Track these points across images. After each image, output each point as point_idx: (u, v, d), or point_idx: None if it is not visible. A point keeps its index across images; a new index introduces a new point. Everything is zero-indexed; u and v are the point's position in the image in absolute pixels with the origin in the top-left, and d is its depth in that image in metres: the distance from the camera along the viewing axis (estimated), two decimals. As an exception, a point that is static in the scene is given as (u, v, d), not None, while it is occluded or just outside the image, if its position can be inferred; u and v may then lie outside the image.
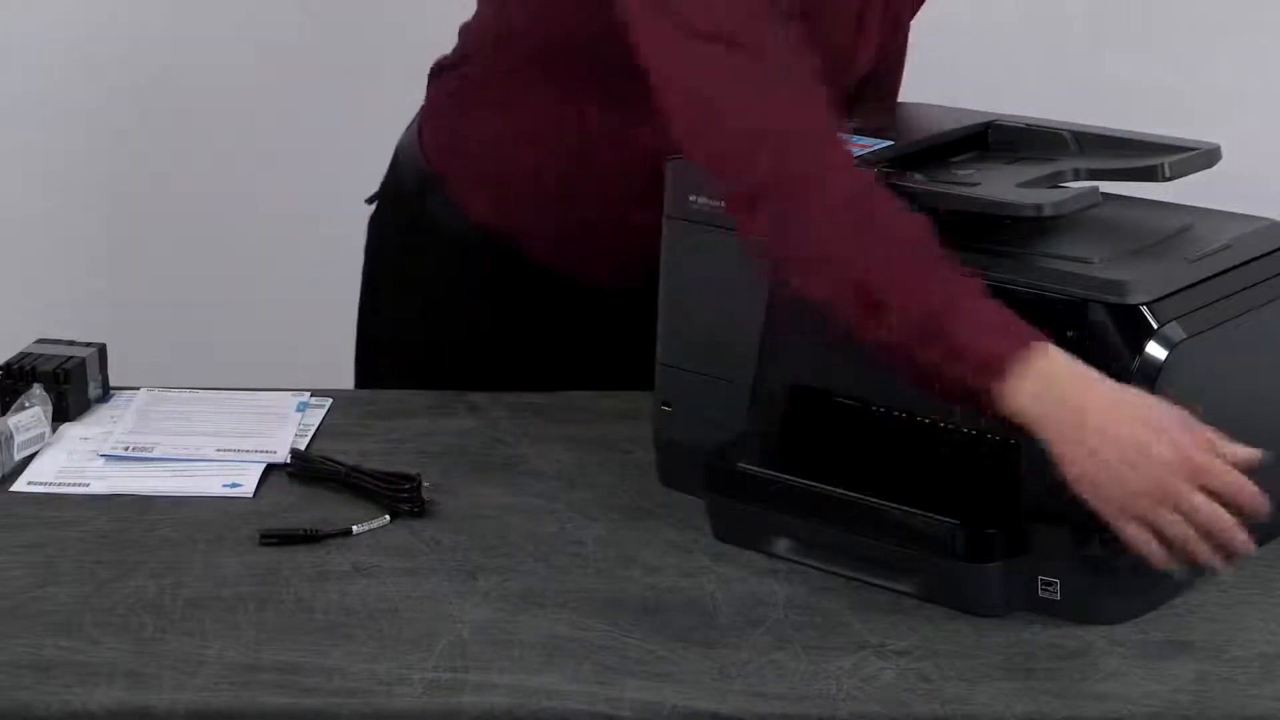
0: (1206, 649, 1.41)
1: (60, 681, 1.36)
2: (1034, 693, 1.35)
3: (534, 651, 1.40)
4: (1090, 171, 1.58)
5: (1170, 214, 1.58)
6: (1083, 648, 1.41)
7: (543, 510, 1.63)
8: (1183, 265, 1.47)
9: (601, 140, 1.75)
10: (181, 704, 1.34)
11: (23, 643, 1.41)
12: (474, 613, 1.46)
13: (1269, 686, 1.36)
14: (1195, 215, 1.58)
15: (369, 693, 1.35)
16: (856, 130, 1.59)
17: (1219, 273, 1.48)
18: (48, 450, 1.74)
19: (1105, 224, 1.54)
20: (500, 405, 1.84)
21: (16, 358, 1.82)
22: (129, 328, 2.19)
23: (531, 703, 1.34)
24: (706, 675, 1.37)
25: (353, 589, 1.50)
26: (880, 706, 1.34)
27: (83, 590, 1.49)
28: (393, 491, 1.62)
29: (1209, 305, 1.45)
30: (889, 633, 1.43)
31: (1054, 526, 1.43)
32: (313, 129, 3.01)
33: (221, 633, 1.43)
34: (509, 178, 1.82)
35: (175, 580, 1.51)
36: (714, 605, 1.47)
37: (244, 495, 1.66)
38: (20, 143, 2.97)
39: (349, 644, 1.42)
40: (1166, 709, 1.33)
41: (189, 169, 3.01)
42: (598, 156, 1.76)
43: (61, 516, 1.62)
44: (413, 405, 1.84)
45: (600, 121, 1.75)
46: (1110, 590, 1.44)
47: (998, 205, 1.49)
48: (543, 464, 1.72)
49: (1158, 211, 1.60)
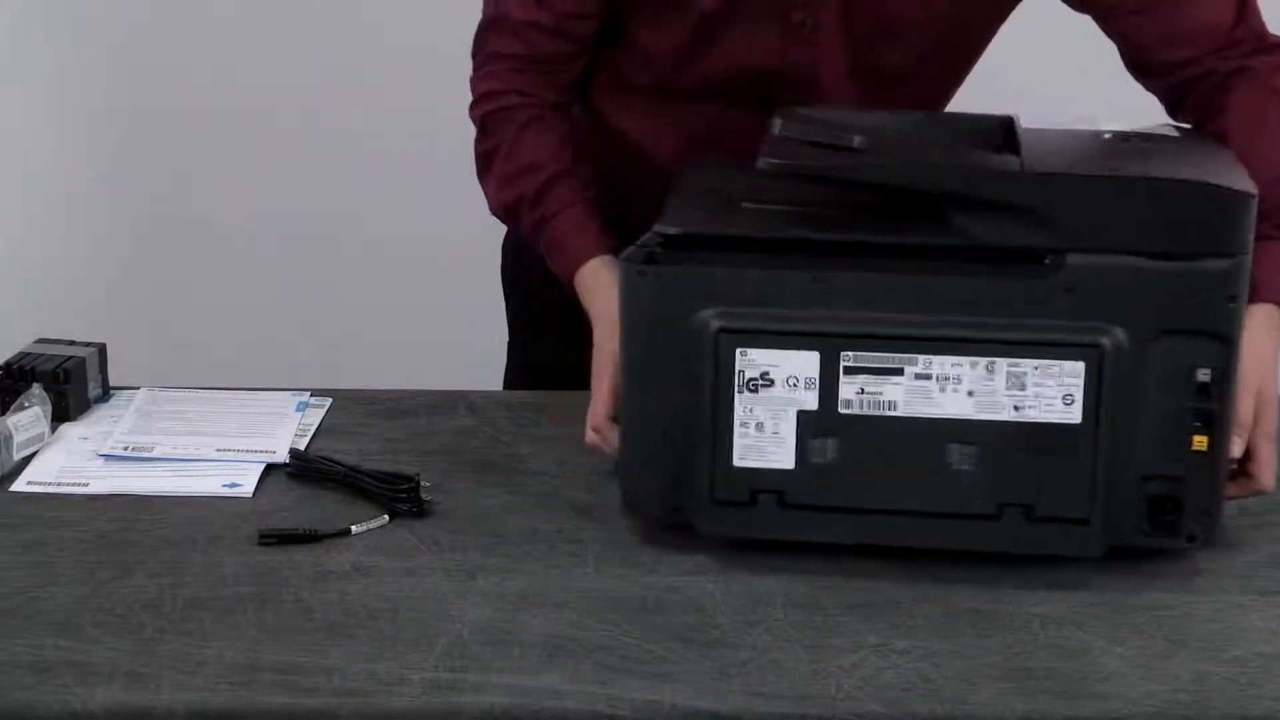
0: (1206, 649, 1.41)
1: (60, 681, 1.36)
2: (1034, 693, 1.35)
3: (534, 651, 1.40)
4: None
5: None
6: (1083, 648, 1.41)
7: (542, 510, 1.63)
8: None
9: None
10: (181, 704, 1.34)
11: (23, 643, 1.41)
12: (473, 613, 1.46)
13: (1269, 686, 1.36)
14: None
15: (369, 693, 1.35)
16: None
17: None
18: (47, 450, 1.74)
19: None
20: (500, 405, 1.84)
21: (16, 358, 1.82)
22: (129, 328, 2.19)
23: (531, 703, 1.34)
24: (706, 675, 1.37)
25: (352, 589, 1.50)
26: (880, 706, 1.34)
27: (82, 590, 1.49)
28: (391, 492, 1.62)
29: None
30: (889, 633, 1.43)
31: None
32: (313, 129, 3.02)
33: (221, 633, 1.43)
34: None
35: (175, 580, 1.51)
36: (714, 605, 1.47)
37: (243, 495, 1.66)
38: (20, 143, 2.97)
39: (349, 644, 1.42)
40: (1166, 709, 1.34)
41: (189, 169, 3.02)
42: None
43: (61, 516, 1.62)
44: (412, 405, 1.85)
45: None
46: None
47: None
48: (542, 464, 1.72)
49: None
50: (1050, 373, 1.45)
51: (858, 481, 1.49)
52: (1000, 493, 1.48)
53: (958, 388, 1.46)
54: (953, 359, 1.45)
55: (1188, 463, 1.47)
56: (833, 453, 1.49)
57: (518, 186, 1.80)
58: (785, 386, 1.47)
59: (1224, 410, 1.46)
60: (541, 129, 1.83)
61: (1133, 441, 1.47)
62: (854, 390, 1.47)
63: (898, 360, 1.46)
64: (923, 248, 1.46)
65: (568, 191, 1.78)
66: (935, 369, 1.46)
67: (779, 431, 1.49)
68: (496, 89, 1.84)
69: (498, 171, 1.82)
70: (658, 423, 1.52)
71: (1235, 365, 1.46)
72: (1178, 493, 1.48)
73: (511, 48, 1.84)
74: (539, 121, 1.83)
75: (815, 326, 1.47)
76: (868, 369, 1.46)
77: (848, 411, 1.47)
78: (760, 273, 1.47)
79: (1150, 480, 1.48)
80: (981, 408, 1.46)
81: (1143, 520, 1.49)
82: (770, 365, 1.47)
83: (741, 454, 1.50)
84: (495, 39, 1.85)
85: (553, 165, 1.80)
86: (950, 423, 1.47)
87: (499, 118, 1.83)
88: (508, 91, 1.83)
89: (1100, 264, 1.44)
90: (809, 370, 1.47)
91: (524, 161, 1.81)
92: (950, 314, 1.45)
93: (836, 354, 1.46)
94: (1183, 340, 1.45)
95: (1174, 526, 1.49)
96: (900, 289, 1.46)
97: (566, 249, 1.76)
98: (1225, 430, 1.47)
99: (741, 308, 1.47)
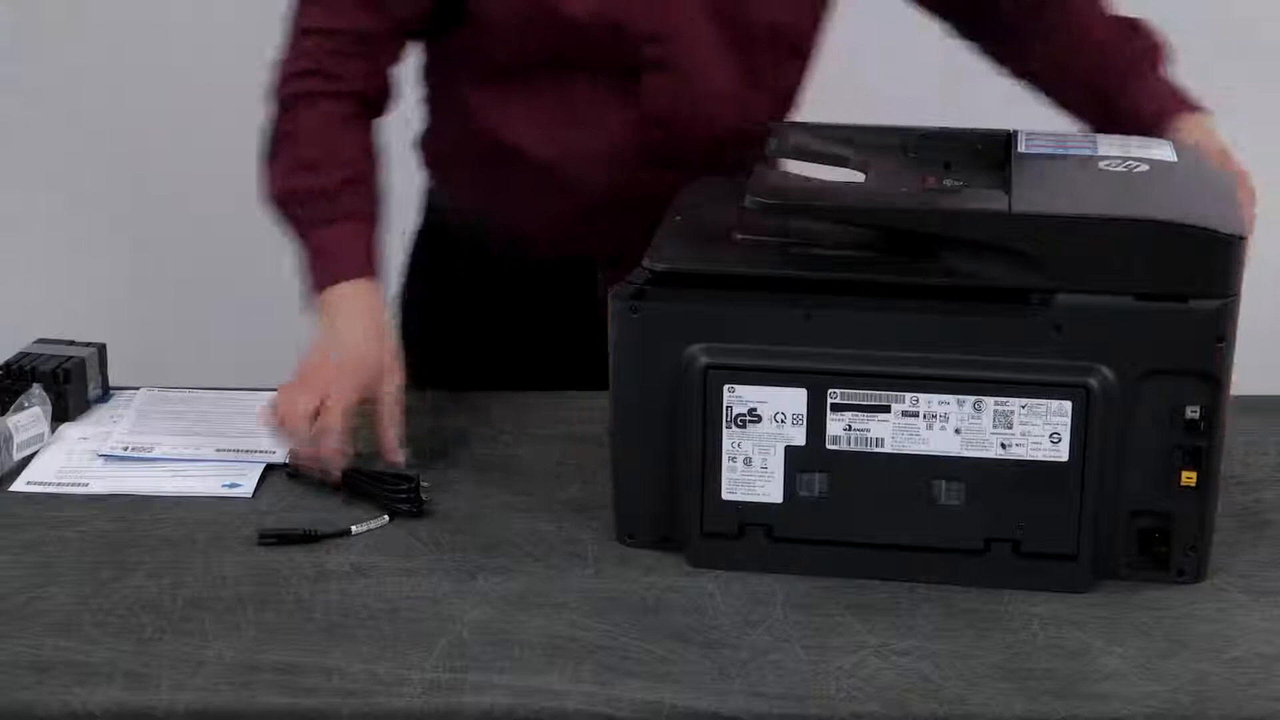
0: (1206, 649, 1.41)
1: (60, 681, 1.36)
2: (1034, 693, 1.35)
3: (533, 651, 1.40)
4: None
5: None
6: (1083, 648, 1.41)
7: (542, 510, 1.63)
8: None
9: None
10: (181, 704, 1.34)
11: (23, 643, 1.41)
12: (474, 613, 1.46)
13: (1268, 686, 1.36)
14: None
15: (369, 693, 1.35)
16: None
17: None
18: (47, 450, 1.74)
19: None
20: (500, 405, 1.84)
21: (16, 358, 1.82)
22: (129, 328, 2.19)
23: (531, 703, 1.34)
24: (706, 675, 1.37)
25: (352, 589, 1.50)
26: (880, 706, 1.34)
27: (82, 590, 1.49)
28: (390, 492, 1.62)
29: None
30: (889, 633, 1.43)
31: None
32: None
33: (221, 633, 1.43)
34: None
35: (175, 580, 1.51)
36: (714, 605, 1.47)
37: (243, 495, 1.66)
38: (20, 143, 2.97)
39: (349, 644, 1.42)
40: (1166, 709, 1.34)
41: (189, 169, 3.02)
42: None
43: (61, 516, 1.62)
44: (412, 405, 1.84)
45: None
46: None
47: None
48: (542, 464, 1.72)
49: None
50: (1037, 411, 1.45)
51: (845, 516, 1.50)
52: (987, 528, 1.48)
53: (945, 425, 1.46)
54: (940, 397, 1.46)
55: (1176, 499, 1.47)
56: (821, 488, 1.49)
57: (316, 177, 1.73)
58: (773, 422, 1.48)
59: (1212, 446, 1.46)
60: (354, 126, 1.77)
61: (1121, 477, 1.47)
62: (841, 426, 1.47)
63: (885, 398, 1.46)
64: (910, 286, 1.46)
65: (361, 201, 1.74)
66: (922, 406, 1.46)
67: (767, 466, 1.49)
68: (308, 68, 1.76)
69: (292, 155, 1.75)
70: (648, 456, 1.53)
71: (1224, 403, 1.45)
72: (1166, 528, 1.49)
73: (326, 22, 1.77)
74: (352, 119, 1.76)
75: (803, 363, 1.47)
76: (855, 406, 1.47)
77: (835, 448, 1.48)
78: (748, 310, 1.48)
79: (1139, 516, 1.49)
80: (969, 445, 1.46)
81: (1132, 555, 1.50)
82: (758, 401, 1.48)
83: (730, 488, 1.50)
84: (307, 12, 1.78)
85: (356, 167, 1.75)
86: (937, 460, 1.47)
87: (308, 101, 1.76)
88: (315, 72, 1.76)
89: (1088, 304, 1.44)
90: (797, 406, 1.47)
91: (327, 152, 1.74)
92: (937, 352, 1.46)
93: (824, 391, 1.47)
94: (1171, 379, 1.44)
95: (1163, 561, 1.49)
96: (888, 327, 1.46)
97: (337, 258, 1.71)
98: (1214, 466, 1.47)
99: (730, 344, 1.48)
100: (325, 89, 1.76)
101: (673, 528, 1.54)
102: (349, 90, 1.77)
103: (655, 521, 1.54)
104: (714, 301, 1.48)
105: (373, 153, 1.77)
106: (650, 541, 1.55)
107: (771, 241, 1.51)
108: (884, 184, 1.57)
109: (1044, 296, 1.44)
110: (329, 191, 1.73)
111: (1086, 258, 1.43)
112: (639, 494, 1.55)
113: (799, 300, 1.47)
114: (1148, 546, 1.49)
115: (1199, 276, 1.42)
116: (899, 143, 1.65)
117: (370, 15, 1.77)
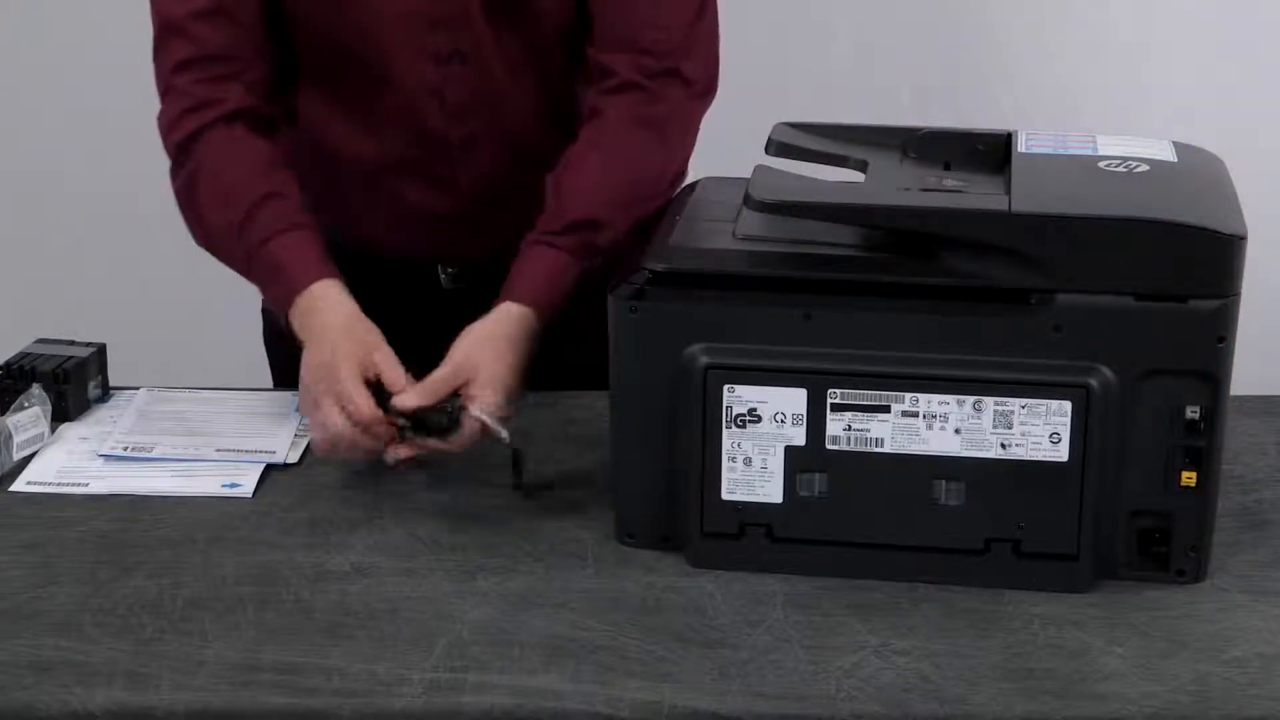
0: (1206, 649, 1.41)
1: (60, 681, 1.36)
2: (1034, 693, 1.35)
3: (534, 651, 1.40)
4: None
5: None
6: (1083, 648, 1.41)
7: (542, 510, 1.63)
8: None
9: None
10: (181, 704, 1.34)
11: (23, 643, 1.42)
12: (474, 613, 1.46)
13: (1268, 686, 1.36)
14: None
15: (369, 693, 1.35)
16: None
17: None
18: (47, 450, 1.74)
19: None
20: (500, 405, 1.84)
21: (16, 358, 1.82)
22: (129, 328, 2.19)
23: (531, 703, 1.34)
24: (706, 675, 1.37)
25: (352, 589, 1.50)
26: (880, 706, 1.34)
27: (82, 590, 1.49)
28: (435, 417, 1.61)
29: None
30: (889, 633, 1.43)
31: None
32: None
33: (221, 633, 1.43)
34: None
35: (174, 580, 1.51)
36: (714, 605, 1.47)
37: (243, 495, 1.66)
38: (20, 143, 2.97)
39: (349, 644, 1.42)
40: (1166, 709, 1.34)
41: (189, 169, 3.00)
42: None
43: (61, 516, 1.62)
44: (412, 405, 1.84)
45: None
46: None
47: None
48: (542, 464, 1.72)
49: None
50: (1037, 411, 1.45)
51: (845, 516, 1.50)
52: (988, 528, 1.48)
53: (945, 425, 1.46)
54: (939, 397, 1.46)
55: (1176, 499, 1.47)
56: (820, 488, 1.49)
57: (225, 213, 1.72)
58: (773, 422, 1.48)
59: (1212, 446, 1.46)
60: (250, 145, 1.75)
61: (1121, 477, 1.47)
62: (841, 426, 1.47)
63: (884, 398, 1.46)
64: (910, 286, 1.46)
65: (283, 213, 1.72)
66: (922, 406, 1.46)
67: (767, 466, 1.49)
68: (186, 107, 1.75)
69: (203, 198, 1.74)
70: (648, 456, 1.53)
71: (1224, 403, 1.46)
72: (1166, 528, 1.49)
73: (186, 51, 1.75)
74: (243, 140, 1.75)
75: (803, 364, 1.47)
76: (855, 406, 1.47)
77: (835, 448, 1.48)
78: (748, 310, 1.48)
79: (1139, 516, 1.49)
80: (968, 445, 1.46)
81: (1132, 555, 1.50)
82: (758, 401, 1.48)
83: (730, 488, 1.50)
84: (166, 51, 1.77)
85: (266, 185, 1.73)
86: (937, 460, 1.47)
87: (195, 139, 1.75)
88: (197, 107, 1.75)
89: (1088, 304, 1.44)
90: (796, 407, 1.47)
91: (228, 183, 1.73)
92: (937, 352, 1.46)
93: (824, 391, 1.47)
94: (1171, 379, 1.44)
95: (1163, 561, 1.49)
96: (888, 327, 1.46)
97: (282, 277, 1.70)
98: (1214, 466, 1.47)
99: (730, 344, 1.48)
100: (208, 119, 1.75)
101: (673, 528, 1.54)
102: (233, 110, 1.75)
103: (655, 521, 1.55)
104: (714, 301, 1.48)
105: (278, 163, 1.75)
106: (650, 541, 1.55)
107: (771, 241, 1.52)
108: (884, 184, 1.57)
109: (1044, 296, 1.44)
110: (252, 216, 1.71)
111: (1086, 258, 1.43)
112: (639, 494, 1.55)
113: (799, 300, 1.47)
114: (1148, 546, 1.49)
115: (1199, 276, 1.42)
116: (899, 143, 1.65)
117: (218, 29, 1.75)
